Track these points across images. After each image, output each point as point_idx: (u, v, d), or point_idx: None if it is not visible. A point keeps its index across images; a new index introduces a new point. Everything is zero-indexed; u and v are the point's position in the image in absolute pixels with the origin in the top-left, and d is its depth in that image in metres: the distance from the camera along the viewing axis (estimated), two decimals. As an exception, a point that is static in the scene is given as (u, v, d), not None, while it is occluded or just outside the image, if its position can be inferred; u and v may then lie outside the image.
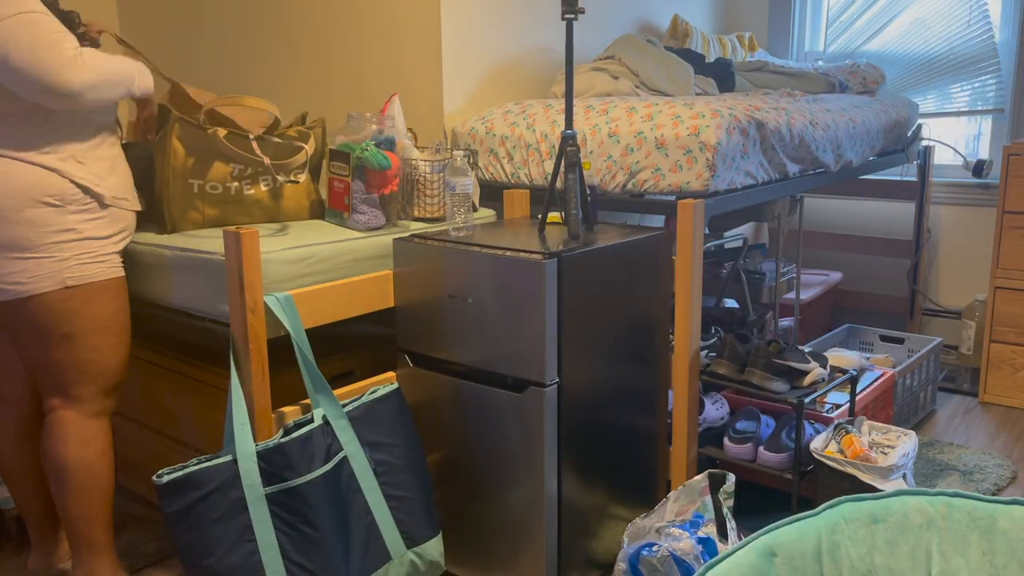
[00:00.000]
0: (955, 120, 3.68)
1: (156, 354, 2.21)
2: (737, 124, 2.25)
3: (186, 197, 2.00)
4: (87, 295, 1.79)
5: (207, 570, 1.63)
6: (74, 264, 1.77)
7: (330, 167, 2.09)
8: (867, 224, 3.85)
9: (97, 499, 1.86)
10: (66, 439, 1.82)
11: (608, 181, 2.32)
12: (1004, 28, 3.50)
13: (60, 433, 1.82)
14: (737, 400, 2.47)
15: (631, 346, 2.02)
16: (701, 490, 1.96)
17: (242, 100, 2.12)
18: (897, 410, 2.77)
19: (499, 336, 1.82)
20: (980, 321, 3.33)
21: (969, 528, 1.23)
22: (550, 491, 1.84)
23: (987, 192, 3.55)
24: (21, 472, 2.01)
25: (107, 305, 1.83)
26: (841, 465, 2.03)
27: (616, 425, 2.00)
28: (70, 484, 1.83)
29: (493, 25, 2.73)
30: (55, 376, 1.82)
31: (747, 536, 1.22)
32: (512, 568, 1.91)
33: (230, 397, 1.74)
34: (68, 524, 1.87)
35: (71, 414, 1.83)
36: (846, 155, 2.81)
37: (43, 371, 1.83)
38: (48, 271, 1.74)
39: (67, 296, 1.77)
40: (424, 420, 2.00)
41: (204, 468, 1.64)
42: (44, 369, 1.83)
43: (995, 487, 2.47)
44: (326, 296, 1.88)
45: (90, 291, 1.79)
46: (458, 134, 2.62)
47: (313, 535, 1.71)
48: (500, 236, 1.97)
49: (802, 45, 4.00)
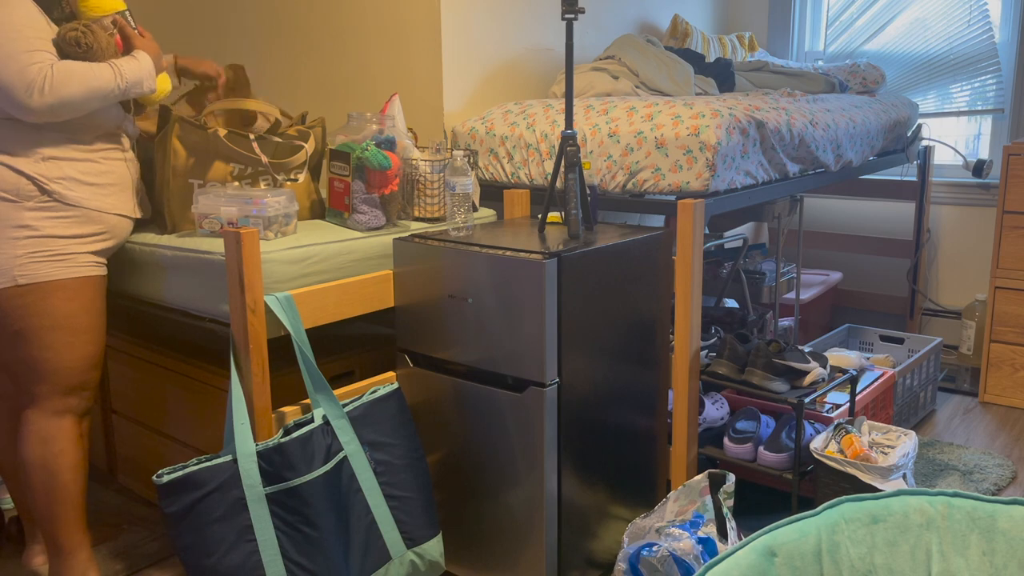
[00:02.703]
0: (955, 120, 3.68)
1: (156, 354, 2.21)
2: (737, 124, 2.25)
3: (186, 197, 2.00)
4: (41, 293, 1.76)
5: (207, 570, 1.63)
6: (26, 262, 1.74)
7: (330, 167, 2.10)
8: (867, 224, 3.85)
9: (60, 499, 1.84)
10: (27, 437, 1.82)
11: (608, 181, 2.32)
12: (1004, 28, 3.50)
13: (23, 432, 1.82)
14: (737, 400, 2.47)
15: (631, 346, 2.02)
16: (701, 490, 1.96)
17: (244, 102, 2.13)
18: (897, 410, 2.77)
19: (499, 336, 1.82)
20: (980, 321, 3.33)
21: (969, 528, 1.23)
22: (550, 491, 1.84)
23: (987, 192, 3.55)
24: (14, 468, 2.02)
25: (64, 304, 1.79)
26: (841, 465, 2.03)
27: (616, 425, 2.00)
28: (31, 482, 1.83)
29: (493, 25, 2.73)
30: (15, 374, 1.83)
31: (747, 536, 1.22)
32: (512, 568, 1.91)
33: (230, 397, 1.74)
34: (38, 523, 1.88)
35: (31, 412, 1.82)
36: (846, 155, 2.81)
37: (5, 368, 1.83)
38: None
39: (18, 293, 1.75)
40: (424, 420, 2.00)
41: (204, 468, 1.64)
42: (6, 366, 1.83)
43: (995, 487, 2.47)
44: (326, 296, 1.88)
45: (44, 289, 1.77)
46: (458, 134, 2.62)
47: (313, 535, 1.71)
48: (500, 236, 1.97)
49: (802, 45, 4.00)
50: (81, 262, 1.81)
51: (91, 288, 1.84)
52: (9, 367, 1.83)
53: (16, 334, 1.78)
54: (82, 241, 1.81)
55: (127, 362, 2.30)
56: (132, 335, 2.32)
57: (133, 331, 2.35)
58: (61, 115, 1.72)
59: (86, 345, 1.84)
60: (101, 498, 2.46)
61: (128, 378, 2.31)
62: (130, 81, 1.80)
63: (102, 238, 1.85)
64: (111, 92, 1.77)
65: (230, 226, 1.90)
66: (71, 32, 1.74)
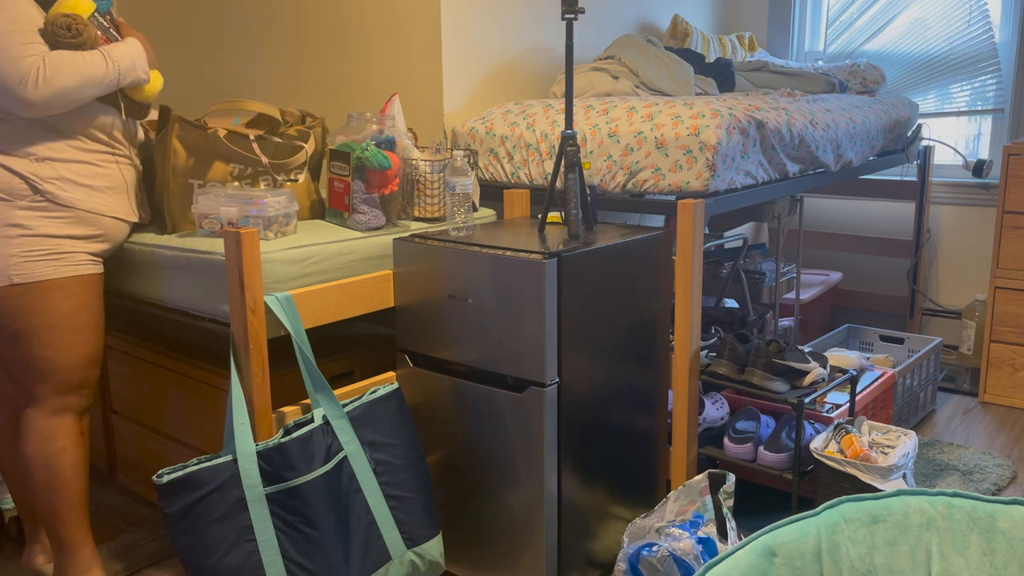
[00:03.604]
0: (955, 120, 3.68)
1: (156, 354, 2.21)
2: (737, 124, 2.25)
3: (186, 197, 2.00)
4: (37, 292, 1.76)
5: (207, 570, 1.63)
6: (21, 261, 1.74)
7: (330, 167, 2.10)
8: (867, 224, 3.85)
9: (61, 497, 1.84)
10: (28, 436, 1.82)
11: (608, 181, 2.32)
12: (1004, 28, 3.50)
13: (24, 430, 1.83)
14: (737, 400, 2.47)
15: (631, 346, 2.02)
16: (701, 490, 1.96)
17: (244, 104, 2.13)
18: (897, 410, 2.77)
19: (499, 336, 1.82)
20: (980, 321, 3.33)
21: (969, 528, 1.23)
22: (550, 491, 1.84)
23: (987, 192, 3.55)
24: (15, 468, 2.02)
25: (62, 303, 1.79)
26: (841, 465, 2.03)
27: (616, 425, 2.00)
28: (33, 481, 1.83)
29: (493, 25, 2.73)
30: (14, 373, 1.83)
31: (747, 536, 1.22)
32: (512, 568, 1.91)
33: (230, 397, 1.74)
34: (41, 521, 1.88)
35: (32, 411, 1.83)
36: (846, 155, 2.81)
37: (5, 367, 1.83)
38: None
39: (14, 293, 1.75)
40: (424, 420, 2.00)
41: (204, 468, 1.64)
42: (5, 365, 1.83)
43: (995, 487, 2.47)
44: (326, 296, 1.88)
45: (41, 288, 1.76)
46: (458, 134, 2.62)
47: (313, 535, 1.71)
48: (500, 236, 1.97)
49: (802, 45, 4.00)
50: (77, 261, 1.81)
51: (88, 286, 1.83)
52: (8, 366, 1.84)
53: (14, 334, 1.78)
54: (76, 240, 1.81)
55: (127, 362, 2.30)
56: (132, 335, 2.32)
57: (133, 331, 2.34)
58: (58, 106, 1.70)
59: (84, 344, 1.84)
60: (101, 498, 2.46)
61: (128, 378, 2.31)
62: (123, 66, 1.78)
63: (97, 240, 1.85)
64: (105, 78, 1.75)
65: (230, 226, 1.90)
66: (62, 18, 1.72)
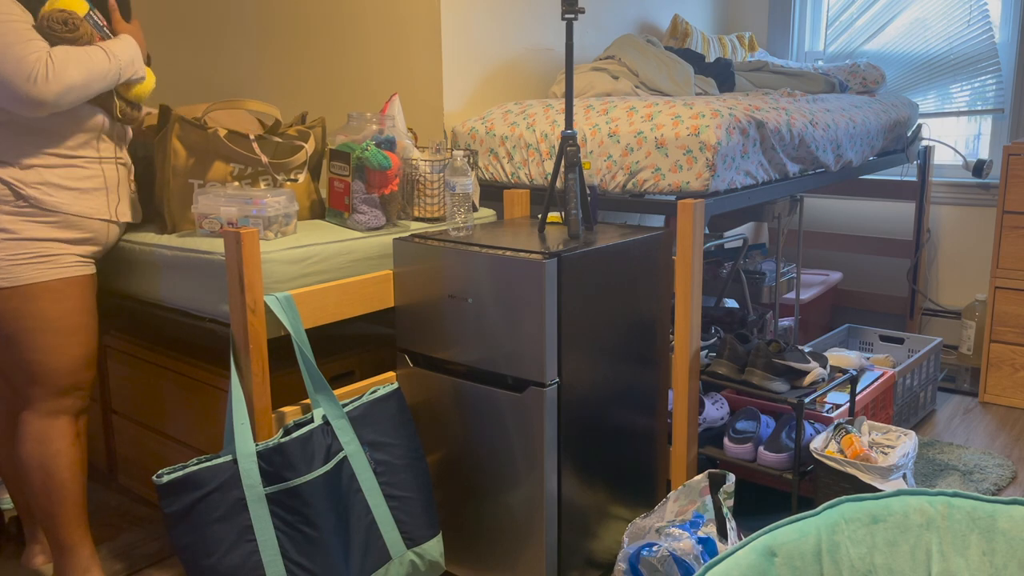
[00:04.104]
0: (955, 120, 3.68)
1: (156, 354, 2.21)
2: (737, 124, 2.25)
3: (186, 197, 2.00)
4: (27, 296, 1.75)
5: (207, 570, 1.63)
6: (6, 265, 1.72)
7: (330, 167, 2.10)
8: (867, 224, 3.85)
9: (59, 499, 1.84)
10: (24, 438, 1.82)
11: (608, 181, 2.32)
12: (1004, 28, 3.50)
13: (20, 433, 1.82)
14: (737, 400, 2.47)
15: (631, 346, 2.02)
16: (701, 490, 1.96)
17: (243, 103, 2.12)
18: (897, 410, 2.77)
19: (499, 336, 1.82)
20: (980, 321, 3.33)
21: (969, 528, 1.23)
22: (550, 491, 1.84)
23: (987, 192, 3.55)
24: (14, 469, 2.02)
25: (52, 306, 1.77)
26: (841, 465, 2.03)
27: (616, 425, 2.00)
28: (31, 483, 1.83)
29: (493, 25, 2.73)
30: (9, 376, 1.83)
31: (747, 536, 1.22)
32: (512, 568, 1.91)
33: (230, 397, 1.74)
34: (39, 523, 1.88)
35: (27, 414, 1.82)
36: (846, 155, 2.81)
37: (1, 371, 1.83)
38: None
39: (2, 297, 1.74)
40: (424, 420, 2.00)
41: (204, 468, 1.64)
42: (1, 369, 1.83)
43: (995, 487, 2.47)
44: (326, 296, 1.88)
45: (29, 292, 1.75)
46: (458, 134, 2.62)
47: (313, 535, 1.71)
48: (500, 236, 1.97)
49: (802, 45, 4.00)
50: (66, 263, 1.79)
51: (79, 288, 1.82)
52: (3, 369, 1.84)
53: (6, 338, 1.77)
54: (64, 244, 1.79)
55: (127, 362, 2.30)
56: (132, 335, 2.32)
57: (133, 331, 2.35)
58: (66, 103, 1.69)
59: (77, 346, 1.83)
60: (101, 498, 2.46)
61: (128, 378, 2.31)
62: (123, 61, 1.78)
63: (85, 243, 1.83)
64: (108, 73, 1.75)
65: (230, 226, 1.90)
66: (57, 12, 1.71)
